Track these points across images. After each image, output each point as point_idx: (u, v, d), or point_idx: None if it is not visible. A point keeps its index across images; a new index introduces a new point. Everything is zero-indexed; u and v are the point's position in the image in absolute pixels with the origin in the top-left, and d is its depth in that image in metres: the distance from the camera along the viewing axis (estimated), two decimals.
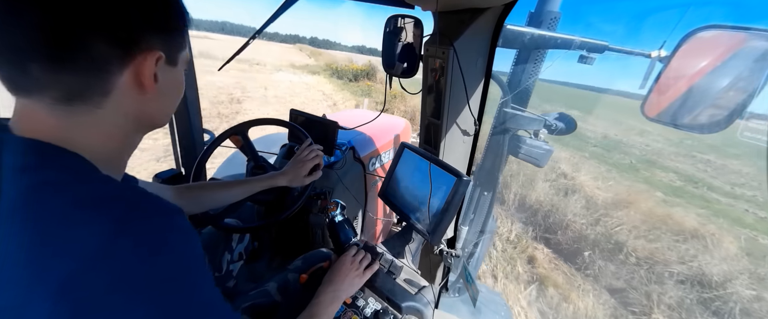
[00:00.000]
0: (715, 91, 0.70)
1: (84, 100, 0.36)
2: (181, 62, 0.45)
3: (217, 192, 0.85)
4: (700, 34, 0.72)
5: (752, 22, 6.59)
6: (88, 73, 0.35)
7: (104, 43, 0.34)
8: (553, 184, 5.43)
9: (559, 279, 3.39)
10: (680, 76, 0.77)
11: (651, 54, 1.23)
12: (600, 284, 3.36)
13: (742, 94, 0.67)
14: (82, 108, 0.36)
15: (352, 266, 0.79)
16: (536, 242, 4.04)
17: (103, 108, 0.37)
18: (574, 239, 4.10)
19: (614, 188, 5.73)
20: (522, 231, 4.22)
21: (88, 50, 0.33)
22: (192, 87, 1.30)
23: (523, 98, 1.63)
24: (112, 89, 0.37)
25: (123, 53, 0.36)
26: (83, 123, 0.37)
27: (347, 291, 0.74)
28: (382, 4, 1.06)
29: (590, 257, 3.71)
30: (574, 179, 5.72)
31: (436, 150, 1.08)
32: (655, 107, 0.83)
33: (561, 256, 3.81)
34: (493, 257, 3.59)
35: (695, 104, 0.74)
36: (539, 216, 4.56)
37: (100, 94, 0.36)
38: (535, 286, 3.21)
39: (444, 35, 0.90)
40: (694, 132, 0.75)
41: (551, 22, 1.48)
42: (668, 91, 0.80)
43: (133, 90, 0.39)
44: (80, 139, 0.37)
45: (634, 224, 4.40)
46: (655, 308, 3.05)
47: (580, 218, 4.44)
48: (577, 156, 7.72)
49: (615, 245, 3.98)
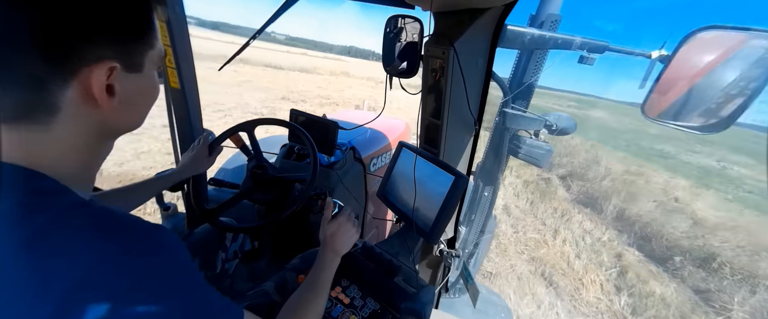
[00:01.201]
0: (715, 91, 0.70)
1: (31, 120, 0.33)
2: (149, 64, 0.41)
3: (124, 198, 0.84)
4: (700, 35, 0.72)
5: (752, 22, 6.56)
6: (26, 92, 0.32)
7: (35, 60, 0.31)
8: (660, 204, 5.61)
9: (642, 271, 3.70)
10: (681, 76, 0.77)
11: (651, 54, 1.22)
12: (685, 283, 3.61)
13: (742, 94, 0.67)
14: (33, 127, 0.33)
15: (348, 222, 0.77)
16: (628, 246, 4.32)
17: (54, 126, 0.34)
18: (668, 247, 4.30)
19: (732, 216, 5.72)
20: (615, 236, 4.50)
21: (19, 68, 0.31)
22: (192, 87, 1.30)
23: (523, 98, 1.63)
24: (59, 107, 0.34)
25: (59, 69, 0.32)
26: (38, 142, 0.34)
27: (346, 245, 0.75)
28: (382, 4, 1.06)
29: (681, 262, 3.94)
30: (688, 205, 5.78)
31: (436, 150, 1.08)
32: (656, 107, 0.83)
33: (650, 258, 4.07)
34: (578, 245, 4.03)
35: (696, 104, 0.74)
36: (636, 226, 4.79)
37: (46, 113, 0.33)
38: (616, 270, 3.62)
39: (444, 35, 0.90)
40: (695, 132, 0.75)
41: (552, 25, 1.49)
42: (669, 92, 0.80)
43: (85, 105, 0.36)
44: (40, 159, 0.34)
45: (740, 245, 4.43)
46: (736, 307, 3.21)
47: (681, 233, 4.60)
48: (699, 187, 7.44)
49: (709, 256, 4.10)
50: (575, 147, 8.82)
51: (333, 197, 1.37)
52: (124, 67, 0.37)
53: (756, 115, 39.17)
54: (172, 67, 1.21)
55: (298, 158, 1.49)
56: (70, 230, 0.32)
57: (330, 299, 0.82)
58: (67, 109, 0.34)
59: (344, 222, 0.76)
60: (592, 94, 29.28)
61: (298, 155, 1.50)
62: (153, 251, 0.36)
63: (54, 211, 0.32)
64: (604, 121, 17.66)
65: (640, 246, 4.32)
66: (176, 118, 1.35)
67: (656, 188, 6.51)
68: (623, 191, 5.89)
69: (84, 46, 0.33)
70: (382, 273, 0.90)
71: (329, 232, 0.74)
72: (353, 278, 0.89)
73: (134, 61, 0.39)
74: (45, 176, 0.34)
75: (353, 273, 0.90)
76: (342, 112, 2.71)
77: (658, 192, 6.18)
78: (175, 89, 1.27)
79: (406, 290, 0.86)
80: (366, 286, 0.87)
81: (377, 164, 1.83)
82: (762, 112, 3.34)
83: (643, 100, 0.83)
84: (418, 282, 0.89)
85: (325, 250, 0.72)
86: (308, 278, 0.66)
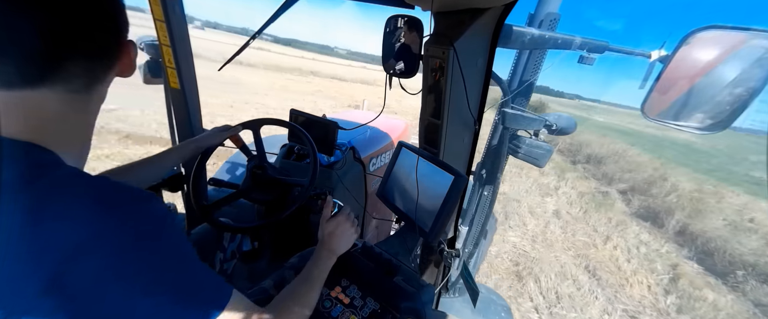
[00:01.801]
0: (715, 91, 0.70)
1: (96, 85, 0.42)
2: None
3: (145, 169, 0.86)
4: (700, 35, 0.72)
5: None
6: (95, 61, 0.40)
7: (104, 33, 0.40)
8: (731, 223, 5.41)
9: (698, 281, 3.64)
10: (681, 76, 0.77)
11: (651, 54, 1.22)
12: (746, 296, 3.53)
13: (743, 94, 0.67)
14: (88, 96, 0.41)
15: (347, 221, 0.78)
16: (686, 259, 4.27)
17: (97, 94, 0.43)
18: (730, 262, 4.20)
19: None
20: (674, 249, 4.47)
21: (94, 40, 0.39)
22: (192, 87, 1.30)
23: (523, 98, 1.63)
24: (108, 74, 0.43)
25: (117, 40, 0.42)
26: (78, 111, 0.41)
27: (343, 245, 0.75)
28: (382, 4, 1.06)
29: (744, 276, 3.84)
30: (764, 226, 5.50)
31: (435, 150, 1.08)
32: (656, 107, 0.83)
33: (709, 271, 4.02)
34: (630, 252, 3.97)
35: (696, 104, 0.74)
36: (698, 241, 4.71)
37: (101, 81, 0.42)
38: (668, 276, 3.59)
39: (444, 35, 0.90)
40: (695, 132, 0.75)
41: (551, 24, 1.49)
42: (669, 92, 0.80)
43: (112, 76, 0.45)
44: (61, 133, 0.39)
45: None
46: None
47: (748, 250, 4.45)
48: None
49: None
50: (641, 164, 8.45)
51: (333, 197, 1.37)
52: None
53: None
54: (172, 68, 1.21)
55: (298, 158, 1.49)
56: (71, 197, 0.34)
57: (330, 299, 0.82)
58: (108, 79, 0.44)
59: (343, 222, 0.76)
60: None
61: (298, 155, 1.50)
62: (149, 223, 0.38)
63: (54, 178, 0.34)
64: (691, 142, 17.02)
65: (701, 260, 4.23)
66: (176, 119, 1.35)
67: (730, 208, 6.10)
68: (689, 207, 5.66)
69: (125, 26, 0.44)
70: (381, 273, 0.90)
71: (327, 231, 0.74)
72: (353, 278, 0.89)
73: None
74: (44, 149, 0.36)
75: (353, 273, 0.90)
76: (342, 112, 2.71)
77: (731, 212, 5.82)
78: (175, 89, 1.27)
79: (406, 289, 0.86)
80: (366, 286, 0.87)
81: (377, 164, 1.83)
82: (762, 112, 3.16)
83: (643, 100, 0.83)
84: (418, 282, 0.89)
85: (322, 248, 0.72)
86: (302, 273, 0.67)
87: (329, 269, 0.70)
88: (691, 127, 0.74)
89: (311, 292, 0.63)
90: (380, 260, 0.93)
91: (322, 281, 0.68)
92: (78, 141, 0.42)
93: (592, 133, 12.20)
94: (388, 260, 0.93)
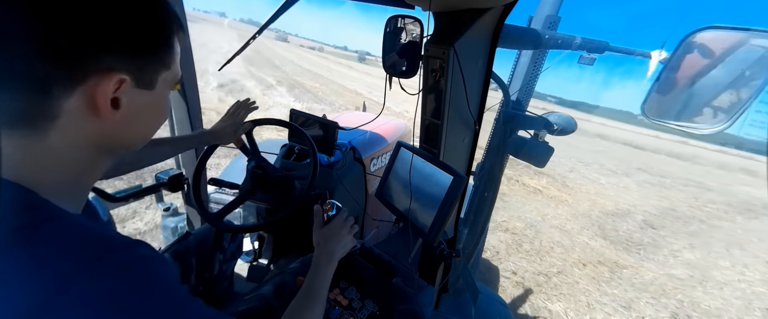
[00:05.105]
0: (715, 91, 0.70)
1: (28, 126, 0.32)
2: (161, 84, 0.40)
3: (150, 149, 0.86)
4: (700, 35, 0.72)
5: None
6: (28, 96, 0.31)
7: (42, 62, 0.30)
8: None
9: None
10: (681, 76, 0.77)
11: (651, 54, 1.22)
12: None
13: (743, 94, 0.66)
14: (29, 134, 0.32)
15: (342, 228, 0.76)
16: None
17: (50, 134, 0.33)
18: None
19: None
20: None
21: (25, 70, 0.29)
22: (192, 87, 1.30)
23: (523, 98, 1.62)
24: (59, 114, 0.32)
25: (65, 75, 0.31)
26: (31, 152, 0.33)
27: (340, 251, 0.73)
28: (382, 4, 1.06)
29: None
30: None
31: (435, 150, 1.08)
32: (656, 107, 0.82)
33: None
34: None
35: (696, 104, 0.74)
36: None
37: (45, 119, 0.32)
38: None
39: (444, 35, 0.90)
40: (695, 132, 0.74)
41: (551, 27, 1.48)
42: (669, 92, 0.80)
43: (87, 115, 0.34)
44: (28, 169, 0.33)
45: None
46: None
47: None
48: None
49: None
50: None
51: (333, 197, 1.36)
52: (135, 82, 0.36)
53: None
54: None
55: (298, 158, 1.49)
56: (39, 242, 0.30)
57: (328, 301, 0.82)
58: (67, 117, 0.33)
59: (339, 228, 0.74)
60: None
61: (298, 155, 1.50)
62: (130, 267, 0.33)
63: (26, 224, 0.31)
64: None
65: None
66: (176, 119, 1.35)
67: None
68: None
69: (95, 55, 0.32)
70: (380, 274, 0.89)
71: (323, 237, 0.72)
72: (352, 280, 0.89)
73: (146, 77, 0.37)
74: (25, 189, 0.32)
75: (352, 274, 0.90)
76: (342, 113, 2.71)
77: None
78: (175, 90, 1.27)
79: (405, 291, 0.86)
80: (365, 287, 0.87)
81: (377, 165, 1.83)
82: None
83: (643, 100, 0.83)
84: (417, 283, 0.89)
85: (320, 256, 0.70)
86: (304, 286, 0.65)
87: (331, 278, 0.68)
88: (691, 127, 0.74)
89: (317, 307, 0.61)
90: (379, 261, 0.93)
91: (325, 291, 0.66)
92: (71, 177, 0.37)
93: None
94: (388, 261, 0.92)
